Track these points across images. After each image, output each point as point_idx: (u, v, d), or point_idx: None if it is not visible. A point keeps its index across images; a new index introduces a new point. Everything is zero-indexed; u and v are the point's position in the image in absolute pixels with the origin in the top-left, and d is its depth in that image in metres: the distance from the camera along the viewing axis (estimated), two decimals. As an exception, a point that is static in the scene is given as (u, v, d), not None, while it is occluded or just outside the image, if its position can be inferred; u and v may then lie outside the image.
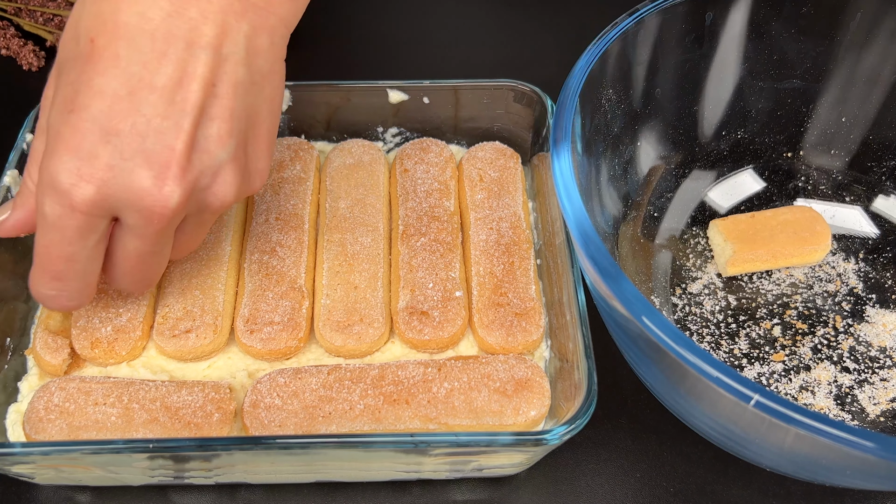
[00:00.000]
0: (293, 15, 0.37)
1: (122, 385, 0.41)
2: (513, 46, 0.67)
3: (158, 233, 0.36)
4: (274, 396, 0.40)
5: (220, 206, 0.37)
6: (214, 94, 0.34)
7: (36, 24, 0.66)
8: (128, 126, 0.33)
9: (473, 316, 0.45)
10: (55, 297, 0.37)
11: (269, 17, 0.36)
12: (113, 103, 0.33)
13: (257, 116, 0.37)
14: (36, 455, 0.36)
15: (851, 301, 0.48)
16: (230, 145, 0.35)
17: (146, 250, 0.37)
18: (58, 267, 0.36)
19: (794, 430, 0.30)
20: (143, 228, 0.35)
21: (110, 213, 0.35)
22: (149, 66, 0.33)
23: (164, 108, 0.33)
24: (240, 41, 0.34)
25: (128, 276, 0.39)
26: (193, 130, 0.34)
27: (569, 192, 0.37)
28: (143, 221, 0.35)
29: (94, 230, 0.35)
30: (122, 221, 0.35)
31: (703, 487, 0.43)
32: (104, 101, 0.33)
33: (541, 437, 0.36)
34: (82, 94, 0.33)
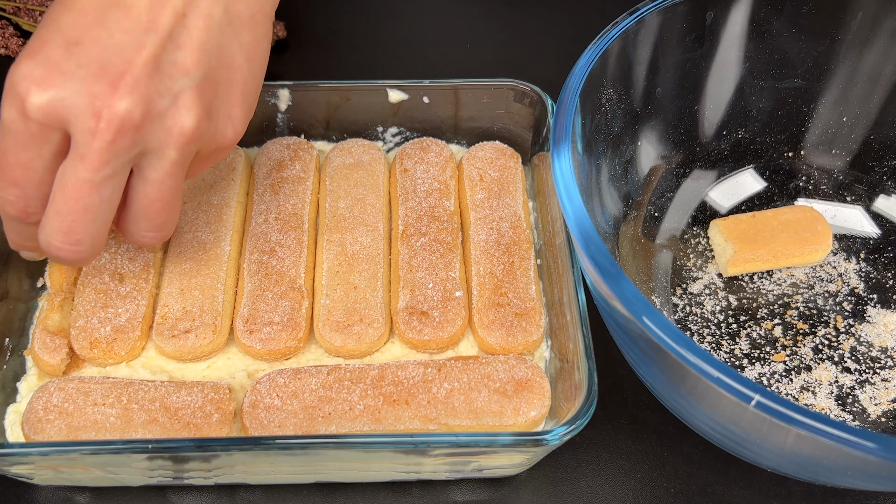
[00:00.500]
0: None
1: (121, 385, 0.41)
2: (513, 46, 0.67)
3: (110, 152, 0.34)
4: (273, 397, 0.40)
5: (180, 142, 0.35)
6: (184, 24, 0.34)
7: (34, 23, 0.65)
8: (90, 38, 0.33)
9: (473, 316, 0.45)
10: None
11: None
12: (80, 17, 0.34)
13: (231, 60, 0.36)
14: (35, 455, 0.36)
15: (852, 301, 0.48)
16: (195, 76, 0.35)
17: (92, 179, 0.34)
18: (15, 173, 0.35)
19: (794, 430, 0.30)
20: (90, 144, 0.34)
21: (62, 125, 0.34)
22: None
23: (129, 26, 0.34)
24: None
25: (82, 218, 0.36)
26: (157, 51, 0.34)
27: (569, 191, 0.37)
28: (89, 136, 0.33)
29: (46, 140, 0.34)
30: (73, 141, 0.34)
31: (703, 488, 0.43)
32: (72, 14, 0.34)
33: (541, 438, 0.36)
34: (55, 9, 0.34)
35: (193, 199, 0.49)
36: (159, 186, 0.37)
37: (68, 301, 0.45)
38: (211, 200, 0.49)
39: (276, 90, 0.51)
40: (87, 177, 0.34)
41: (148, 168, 0.36)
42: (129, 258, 0.46)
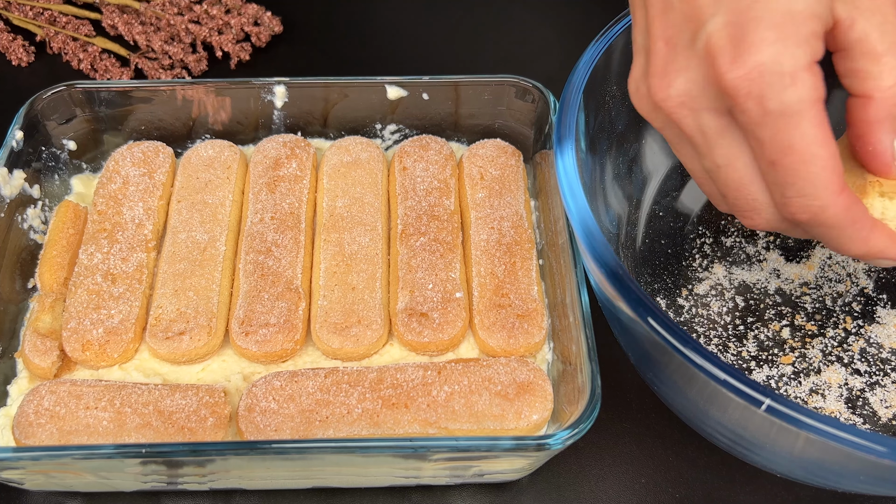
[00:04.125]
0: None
1: (113, 388, 0.41)
2: (514, 41, 0.67)
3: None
4: (270, 400, 0.40)
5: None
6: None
7: (26, 18, 0.65)
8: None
9: (474, 317, 0.44)
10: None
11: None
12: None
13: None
14: (26, 460, 0.36)
15: (862, 301, 0.47)
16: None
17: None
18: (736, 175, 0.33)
19: (804, 434, 0.30)
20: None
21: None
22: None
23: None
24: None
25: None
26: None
27: (573, 190, 0.37)
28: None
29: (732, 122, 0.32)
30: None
31: (709, 493, 0.43)
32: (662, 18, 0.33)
33: (543, 442, 0.35)
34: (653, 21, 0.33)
35: (188, 198, 0.49)
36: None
37: (60, 302, 0.45)
38: (206, 199, 0.48)
39: (272, 87, 0.51)
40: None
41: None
42: (122, 258, 0.46)
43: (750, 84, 0.30)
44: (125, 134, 0.53)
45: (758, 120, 0.30)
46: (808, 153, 0.30)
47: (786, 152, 0.30)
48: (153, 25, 0.65)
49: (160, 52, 0.63)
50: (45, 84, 0.50)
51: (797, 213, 0.32)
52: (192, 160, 0.51)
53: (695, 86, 0.32)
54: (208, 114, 0.52)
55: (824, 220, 0.32)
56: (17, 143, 0.47)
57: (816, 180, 0.31)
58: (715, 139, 0.33)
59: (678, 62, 0.32)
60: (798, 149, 0.30)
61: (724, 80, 0.30)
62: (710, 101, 0.32)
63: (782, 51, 0.29)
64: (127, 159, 0.50)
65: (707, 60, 0.31)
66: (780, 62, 0.29)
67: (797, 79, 0.29)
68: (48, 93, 0.49)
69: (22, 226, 0.47)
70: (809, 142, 0.30)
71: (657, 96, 0.33)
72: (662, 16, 0.33)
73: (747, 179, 0.33)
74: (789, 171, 0.31)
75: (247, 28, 0.65)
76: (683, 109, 0.33)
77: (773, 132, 0.30)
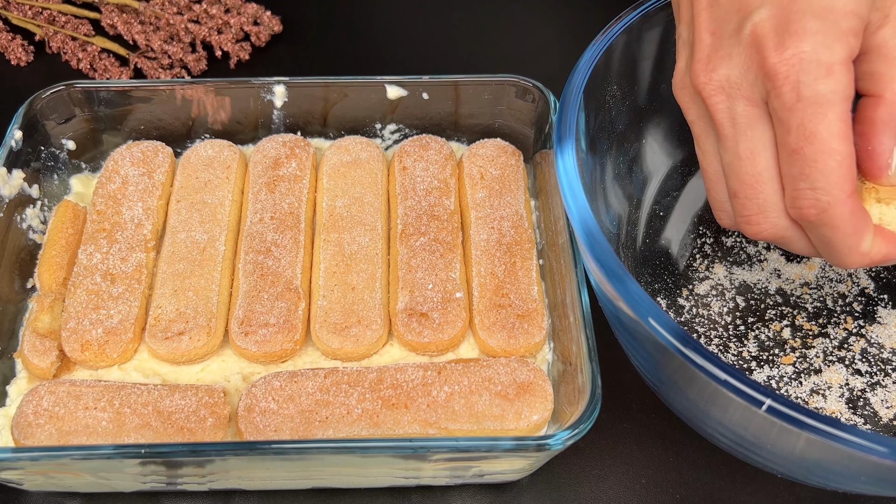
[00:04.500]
0: None
1: (113, 389, 0.40)
2: (514, 41, 0.67)
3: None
4: (269, 400, 0.40)
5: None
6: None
7: (24, 17, 0.65)
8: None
9: (474, 318, 0.44)
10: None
11: None
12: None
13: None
14: (25, 461, 0.36)
15: (863, 302, 0.47)
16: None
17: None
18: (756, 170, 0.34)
19: (805, 434, 0.30)
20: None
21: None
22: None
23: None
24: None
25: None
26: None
27: (573, 190, 0.37)
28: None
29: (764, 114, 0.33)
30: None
31: (710, 494, 0.43)
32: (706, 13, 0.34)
33: (543, 443, 0.35)
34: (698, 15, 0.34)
35: (187, 198, 0.48)
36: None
37: (59, 302, 0.45)
38: (205, 199, 0.48)
39: (271, 86, 0.51)
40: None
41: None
42: (121, 258, 0.45)
43: (789, 69, 0.31)
44: (124, 133, 0.52)
45: (790, 105, 0.31)
46: (829, 145, 0.31)
47: (809, 140, 0.31)
48: (152, 25, 0.64)
49: (159, 51, 0.63)
50: (44, 83, 0.50)
51: (806, 208, 0.33)
52: (192, 160, 0.50)
53: (736, 72, 0.33)
54: (208, 113, 0.52)
55: (829, 219, 0.32)
56: (16, 142, 0.47)
57: (831, 174, 0.31)
58: (743, 128, 0.34)
59: (723, 50, 0.33)
60: (821, 138, 0.31)
61: (767, 64, 0.31)
62: (748, 88, 0.33)
63: (822, 41, 0.31)
64: (126, 159, 0.50)
65: (752, 47, 0.32)
66: (818, 52, 0.31)
67: (833, 71, 0.31)
68: (47, 92, 0.49)
69: (21, 226, 0.47)
70: (832, 134, 0.31)
71: (698, 80, 0.34)
72: (709, 9, 0.34)
73: (765, 176, 0.34)
74: (808, 160, 0.31)
75: (246, 27, 0.65)
76: (721, 94, 0.34)
77: (801, 119, 0.31)
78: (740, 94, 0.33)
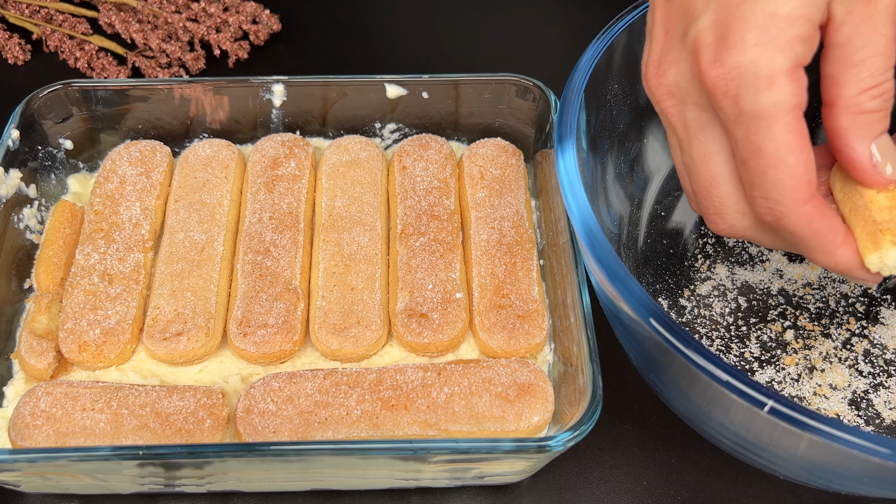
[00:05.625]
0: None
1: (110, 390, 0.40)
2: (515, 39, 0.67)
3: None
4: (268, 401, 0.40)
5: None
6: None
7: (22, 16, 0.64)
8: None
9: (474, 318, 0.44)
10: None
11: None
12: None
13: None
14: (22, 462, 0.35)
15: (865, 302, 0.47)
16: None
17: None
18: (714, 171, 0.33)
19: (807, 436, 0.30)
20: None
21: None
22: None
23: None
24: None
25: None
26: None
27: (574, 190, 0.37)
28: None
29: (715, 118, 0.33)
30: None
31: (712, 496, 0.43)
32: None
33: (544, 444, 0.35)
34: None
35: (185, 198, 0.48)
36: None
37: (56, 303, 0.45)
38: (203, 199, 0.48)
39: (270, 85, 0.51)
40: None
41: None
42: (119, 259, 0.45)
43: (727, 84, 0.30)
44: (122, 133, 0.52)
45: (733, 118, 0.31)
46: (776, 158, 0.30)
47: (756, 154, 0.31)
48: (150, 23, 0.64)
49: (157, 50, 0.63)
50: (41, 83, 0.49)
51: (762, 214, 0.32)
52: (190, 159, 0.50)
53: (683, 79, 0.32)
54: (206, 113, 0.52)
55: (785, 226, 0.32)
56: (14, 142, 0.47)
57: (781, 186, 0.31)
58: (695, 134, 0.33)
59: (672, 54, 0.33)
60: (767, 152, 0.30)
61: (705, 77, 0.31)
62: (695, 95, 0.32)
63: (761, 54, 0.30)
64: (124, 158, 0.50)
65: (693, 56, 0.31)
66: (758, 65, 0.30)
67: (774, 83, 0.30)
68: (44, 91, 0.49)
69: (18, 226, 0.47)
70: (779, 146, 0.30)
71: (649, 83, 0.34)
72: (665, 5, 0.33)
73: (719, 180, 0.33)
74: (757, 173, 0.31)
75: (245, 26, 0.64)
76: (671, 99, 0.33)
77: (745, 132, 0.30)
78: (689, 100, 0.32)
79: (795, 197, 0.31)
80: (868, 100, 0.31)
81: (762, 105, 0.30)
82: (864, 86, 0.31)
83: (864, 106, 0.31)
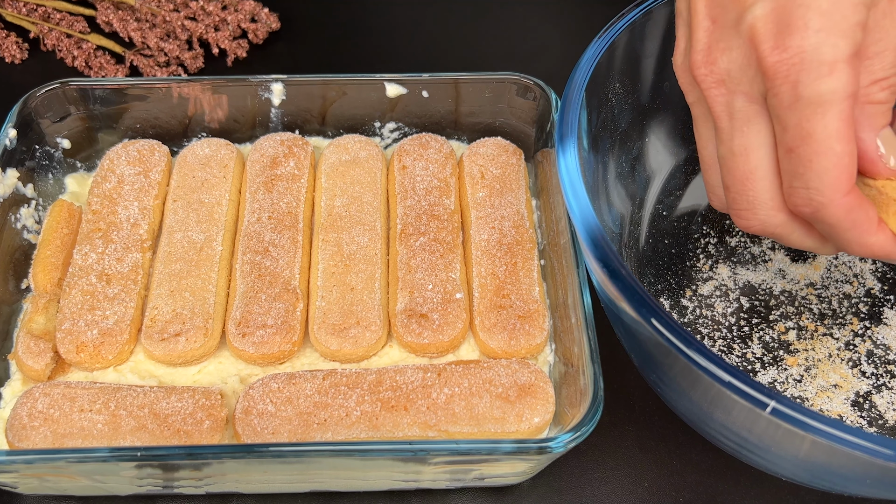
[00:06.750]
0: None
1: (108, 391, 0.40)
2: (516, 38, 0.67)
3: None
4: (267, 402, 0.39)
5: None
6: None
7: (19, 14, 0.64)
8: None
9: (475, 319, 0.43)
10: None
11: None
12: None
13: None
14: (19, 464, 0.35)
15: (869, 303, 0.47)
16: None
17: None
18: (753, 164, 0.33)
19: (810, 437, 0.30)
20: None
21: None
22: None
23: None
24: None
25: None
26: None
27: (575, 189, 0.37)
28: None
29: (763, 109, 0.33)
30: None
31: (713, 497, 0.42)
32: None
33: (545, 445, 0.35)
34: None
35: (184, 198, 0.48)
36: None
37: (53, 303, 0.44)
38: (202, 199, 0.48)
39: (269, 84, 0.50)
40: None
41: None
42: (117, 258, 0.45)
43: (789, 69, 0.30)
44: (120, 132, 0.52)
45: (788, 104, 0.30)
46: (825, 146, 0.30)
47: (805, 140, 0.30)
48: (148, 22, 0.64)
49: (156, 49, 0.62)
50: (38, 81, 0.49)
51: (801, 206, 0.32)
52: (188, 159, 0.50)
53: (735, 66, 0.32)
54: (204, 112, 0.51)
55: (824, 217, 0.32)
56: (11, 141, 0.47)
57: (825, 174, 0.31)
58: (740, 125, 0.33)
59: (723, 42, 0.32)
60: (817, 139, 0.30)
61: (765, 63, 0.30)
62: (747, 84, 0.32)
63: (825, 40, 0.30)
64: (122, 158, 0.49)
65: (750, 43, 0.31)
66: (820, 51, 0.30)
67: (835, 70, 0.30)
68: (42, 90, 0.49)
69: (15, 225, 0.47)
70: (829, 134, 0.30)
71: (698, 71, 0.33)
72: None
73: (757, 174, 0.33)
74: (803, 160, 0.31)
75: (244, 25, 0.64)
76: (720, 87, 0.33)
77: (798, 119, 0.30)
78: (739, 89, 0.32)
79: (837, 187, 0.31)
80: (878, 91, 0.31)
81: (821, 91, 0.30)
82: (875, 77, 0.31)
83: (873, 97, 0.31)
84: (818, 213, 0.32)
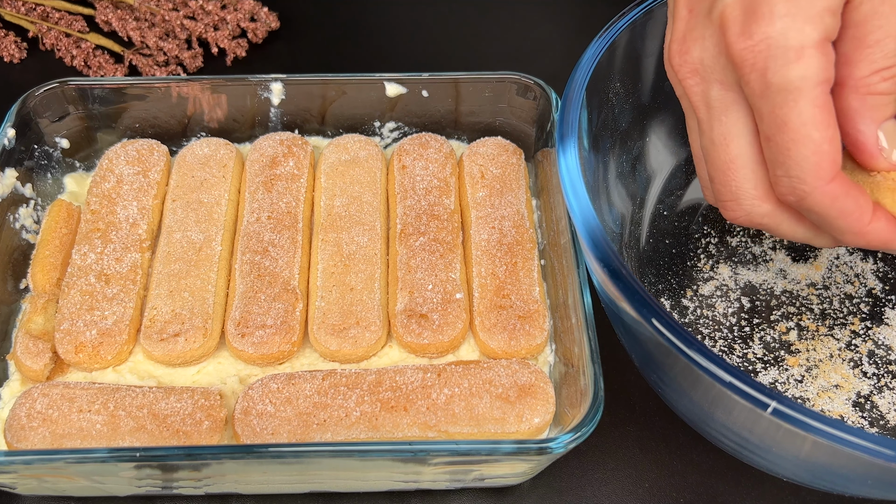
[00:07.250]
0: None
1: (107, 391, 0.40)
2: (516, 37, 0.66)
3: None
4: (266, 403, 0.39)
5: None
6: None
7: (18, 14, 0.64)
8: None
9: (474, 319, 0.43)
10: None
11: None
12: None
13: None
14: (18, 464, 0.35)
15: (870, 303, 0.47)
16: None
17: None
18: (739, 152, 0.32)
19: (811, 437, 0.29)
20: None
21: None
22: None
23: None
24: None
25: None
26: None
27: (575, 189, 0.36)
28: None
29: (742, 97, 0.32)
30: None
31: (714, 498, 0.42)
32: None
33: (545, 446, 0.35)
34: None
35: (183, 198, 0.48)
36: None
37: (52, 303, 0.44)
38: (201, 199, 0.48)
39: (268, 84, 0.50)
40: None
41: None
42: (116, 258, 0.45)
43: (755, 56, 0.30)
44: (119, 132, 0.52)
45: (759, 92, 0.30)
46: (801, 133, 0.30)
47: (780, 128, 0.30)
48: (147, 21, 0.64)
49: (155, 48, 0.62)
50: (37, 81, 0.49)
51: (785, 194, 0.32)
52: (188, 158, 0.50)
53: (708, 55, 0.32)
54: (204, 111, 0.51)
55: (809, 206, 0.31)
56: (9, 140, 0.47)
57: (805, 162, 0.30)
58: (717, 114, 0.32)
59: (696, 31, 0.32)
60: (792, 127, 0.30)
61: (732, 50, 0.30)
62: (720, 72, 0.32)
63: (791, 25, 0.29)
64: (121, 158, 0.49)
65: (720, 30, 0.31)
66: (787, 36, 0.29)
67: (803, 55, 0.29)
68: (41, 90, 0.48)
69: (14, 225, 0.47)
70: (804, 122, 0.30)
71: (673, 61, 0.33)
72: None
73: (737, 163, 0.33)
74: (781, 149, 0.30)
75: (243, 24, 0.64)
76: (695, 77, 0.33)
77: (771, 107, 0.30)
78: (714, 77, 0.32)
79: (819, 175, 0.30)
80: (879, 81, 0.31)
81: (790, 77, 0.29)
82: (877, 67, 0.30)
83: (874, 87, 0.31)
84: (803, 202, 0.31)
